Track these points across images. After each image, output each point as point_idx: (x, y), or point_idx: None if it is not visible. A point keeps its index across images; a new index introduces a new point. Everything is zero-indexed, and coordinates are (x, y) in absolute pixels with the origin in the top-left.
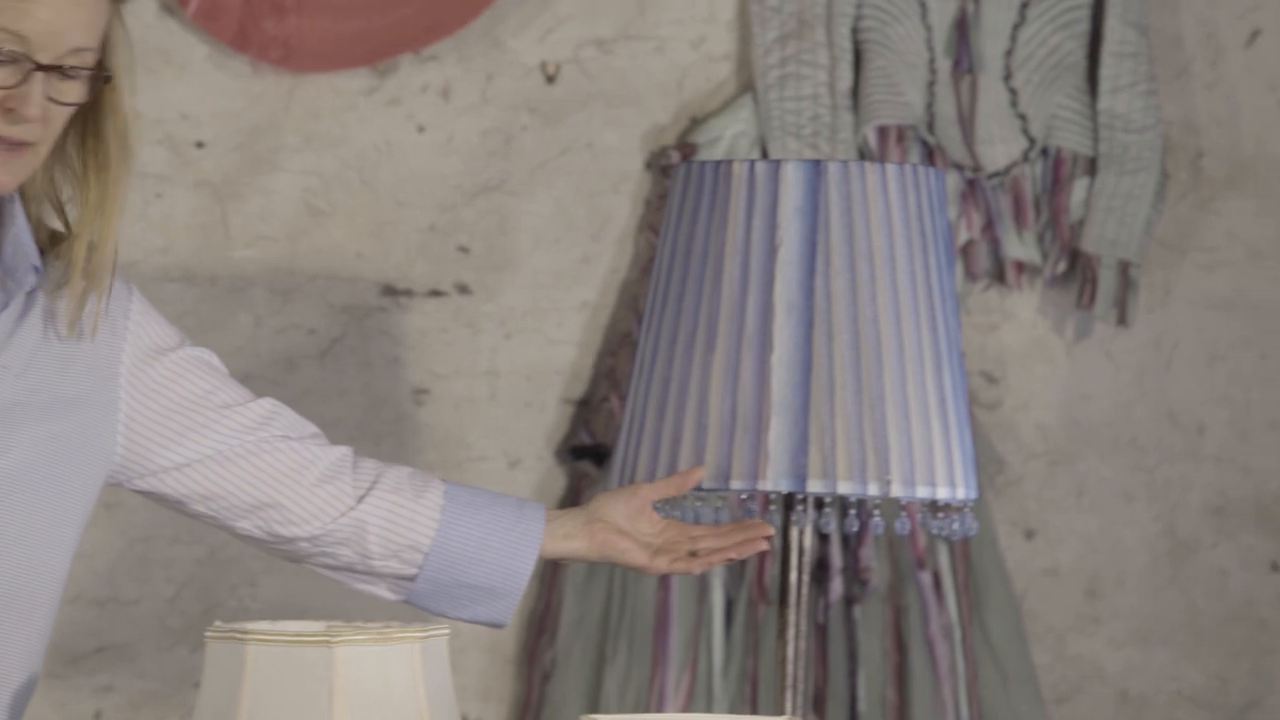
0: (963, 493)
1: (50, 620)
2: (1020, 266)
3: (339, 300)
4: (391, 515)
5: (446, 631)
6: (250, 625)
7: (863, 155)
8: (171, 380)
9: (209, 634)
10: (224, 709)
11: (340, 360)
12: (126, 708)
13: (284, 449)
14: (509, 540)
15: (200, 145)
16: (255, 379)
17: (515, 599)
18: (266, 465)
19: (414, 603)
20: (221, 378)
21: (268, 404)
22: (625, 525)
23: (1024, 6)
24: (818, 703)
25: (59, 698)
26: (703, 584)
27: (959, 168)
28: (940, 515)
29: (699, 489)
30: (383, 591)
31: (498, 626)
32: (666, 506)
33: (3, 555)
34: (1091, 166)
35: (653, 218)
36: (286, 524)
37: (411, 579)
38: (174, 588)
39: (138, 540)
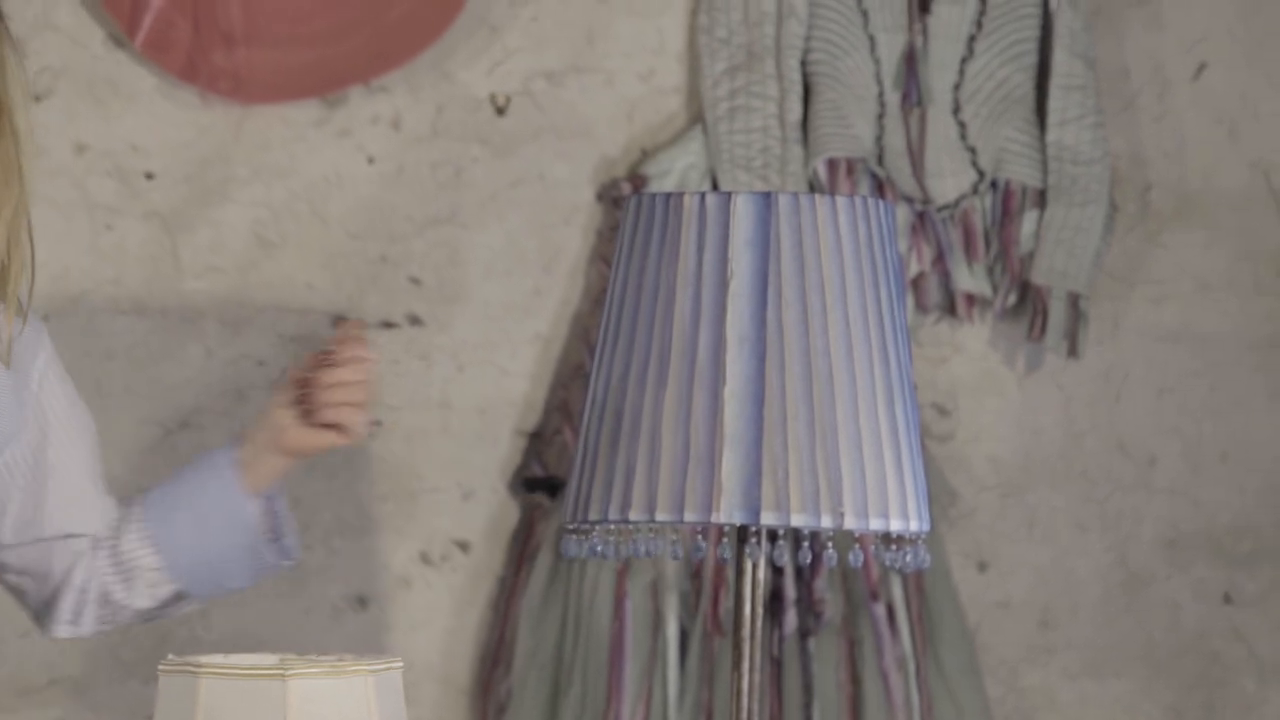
0: (915, 525)
1: None
2: (971, 299)
3: (290, 331)
4: (115, 567)
5: (400, 664)
6: (203, 658)
7: (813, 188)
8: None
9: (162, 667)
10: None
11: None
12: None
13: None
14: (223, 514)
15: (150, 176)
16: (206, 411)
17: (267, 536)
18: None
19: (214, 596)
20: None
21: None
22: (285, 420)
23: (971, 40)
24: None
25: None
26: (657, 616)
27: (909, 200)
28: (893, 547)
29: (652, 520)
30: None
31: (291, 560)
32: (616, 538)
33: None
34: (1041, 199)
35: (604, 249)
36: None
37: (184, 595)
38: None
39: None
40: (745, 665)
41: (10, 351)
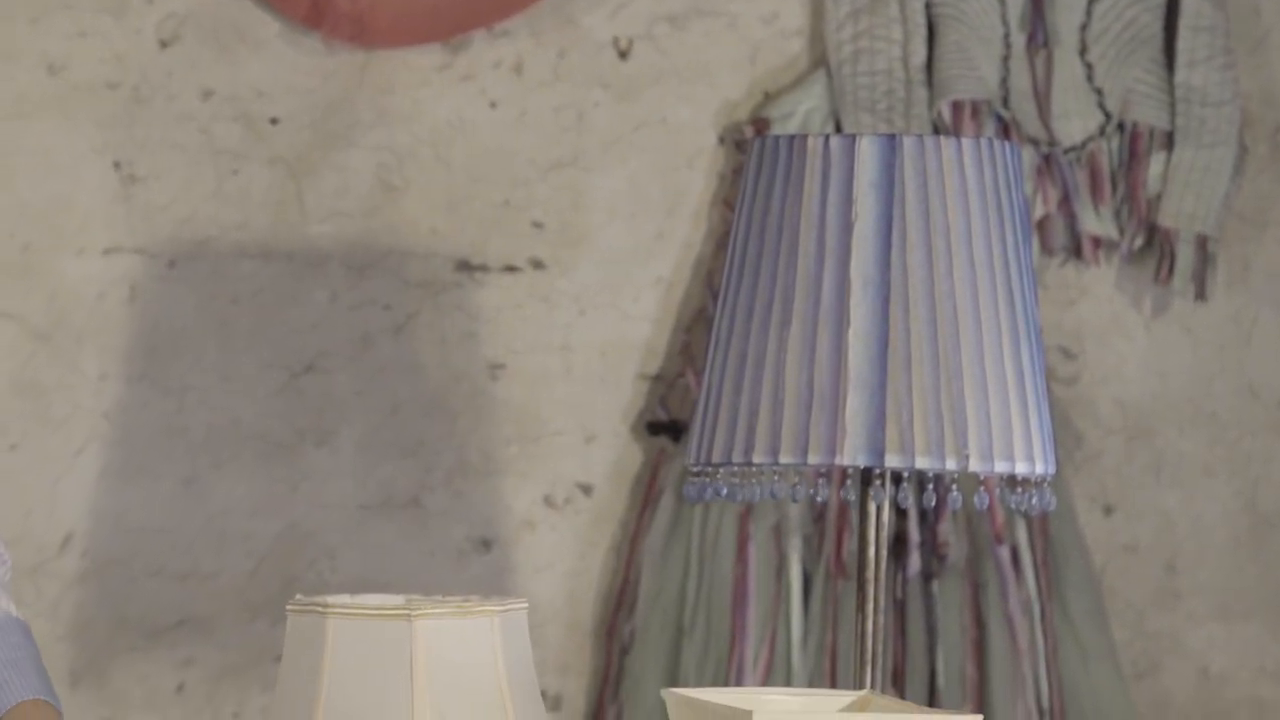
0: (1041, 468)
1: None
2: (1097, 241)
3: (414, 276)
4: None
5: (525, 605)
6: (330, 599)
7: (937, 130)
8: None
9: (290, 607)
10: (305, 681)
11: (415, 336)
12: (207, 681)
13: None
14: None
15: (275, 122)
16: (331, 355)
17: None
18: None
19: None
20: None
21: None
22: None
23: None
24: (896, 677)
25: (141, 671)
26: (780, 558)
27: (1034, 142)
28: (1018, 490)
29: (775, 463)
30: None
31: None
32: (740, 481)
33: None
34: (1169, 141)
35: (727, 193)
36: None
37: None
38: (253, 562)
39: (216, 515)
40: (869, 608)
41: None
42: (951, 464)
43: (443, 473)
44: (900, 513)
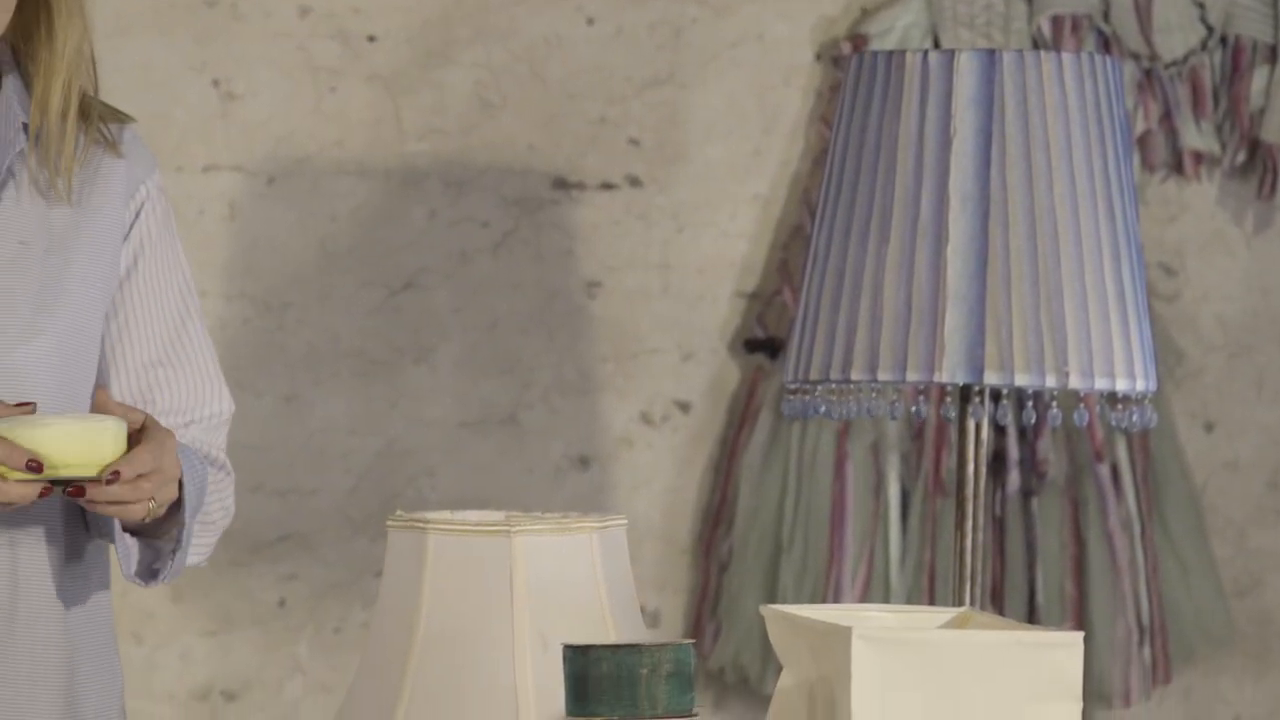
0: (1142, 385)
1: None
2: (1198, 157)
3: (511, 193)
4: None
5: (624, 522)
6: (430, 515)
7: (1036, 45)
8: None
9: (390, 523)
10: (406, 597)
11: (513, 253)
12: (309, 596)
13: None
14: None
15: (372, 39)
16: (429, 272)
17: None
18: None
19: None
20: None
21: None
22: None
23: None
24: (995, 595)
25: (243, 585)
26: (878, 476)
27: (1135, 57)
28: (1119, 407)
29: (874, 380)
30: None
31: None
32: (837, 398)
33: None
34: (1272, 54)
35: (824, 110)
36: None
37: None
38: (353, 479)
39: (316, 432)
40: (968, 525)
41: (70, 188)
42: (1051, 381)
43: (540, 390)
44: (999, 430)
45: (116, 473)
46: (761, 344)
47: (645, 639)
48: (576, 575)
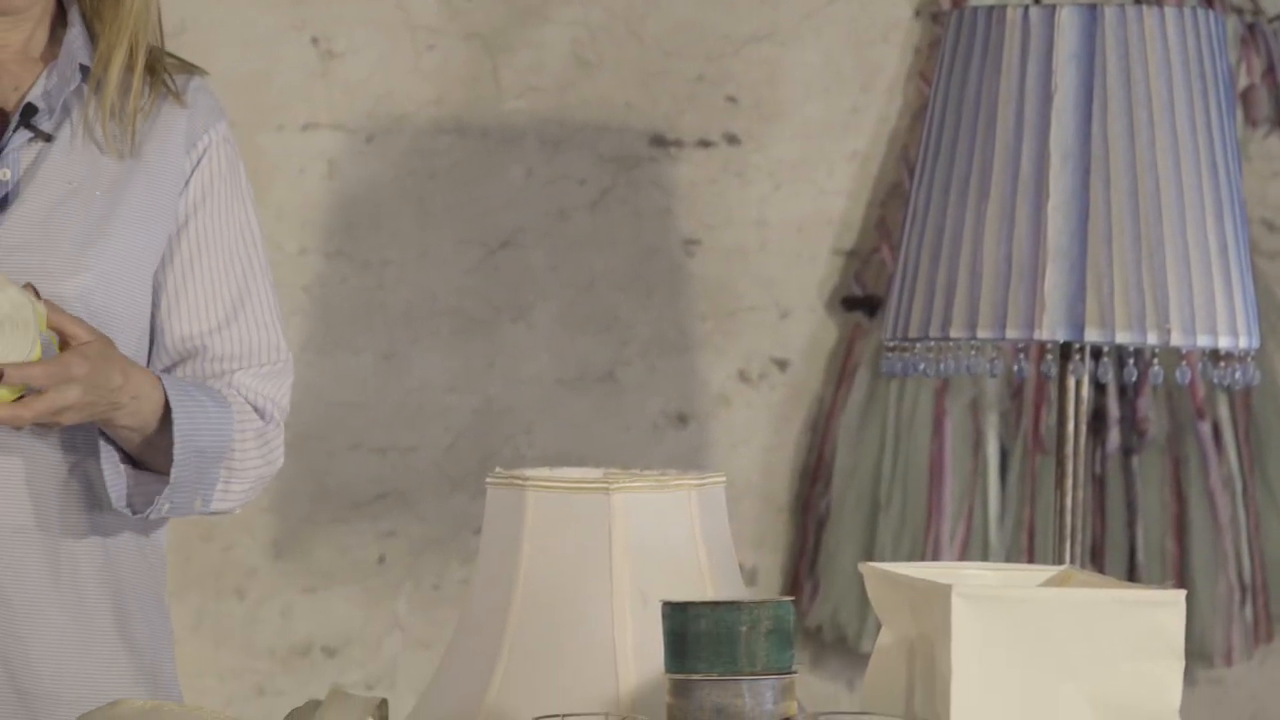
0: (1244, 341)
1: None
2: None
3: (608, 151)
4: None
5: (723, 479)
6: (529, 472)
7: (1138, 0)
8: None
9: (489, 480)
10: (505, 554)
11: (610, 211)
12: (408, 553)
13: None
14: None
15: None
16: (527, 230)
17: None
18: None
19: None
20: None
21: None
22: None
23: None
24: (1095, 553)
25: (343, 542)
26: (977, 434)
27: (1238, 11)
28: (1221, 364)
29: (973, 337)
30: None
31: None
32: (936, 356)
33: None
34: None
35: (923, 66)
36: None
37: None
38: (451, 436)
39: (415, 390)
40: (1068, 484)
41: (132, 138)
42: (1153, 338)
43: (638, 347)
44: (1099, 387)
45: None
46: (859, 301)
47: (744, 596)
48: (675, 532)
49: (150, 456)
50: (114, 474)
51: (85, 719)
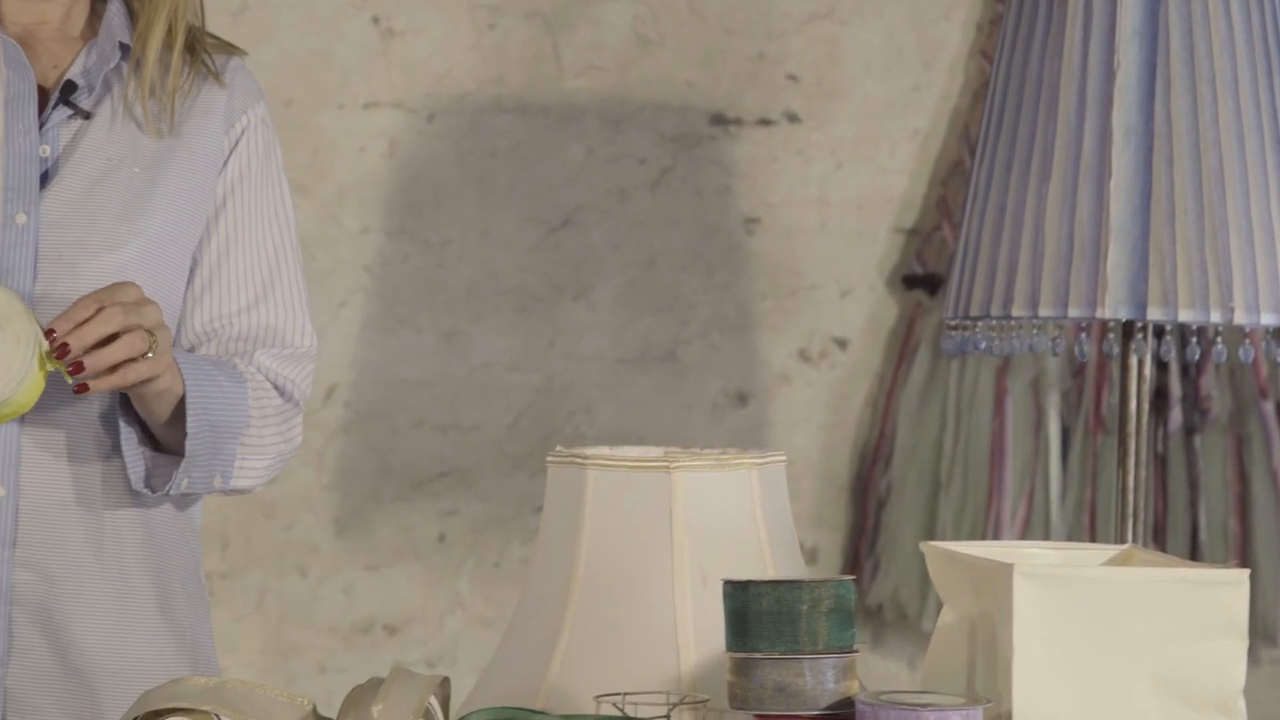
0: None
1: None
2: None
3: (669, 130)
4: None
5: (783, 458)
6: (590, 450)
7: None
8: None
9: (550, 459)
10: (566, 533)
11: (671, 189)
12: (469, 531)
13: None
14: None
15: None
16: (587, 209)
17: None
18: None
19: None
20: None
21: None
22: None
23: None
24: (1157, 533)
25: (404, 521)
26: (1038, 412)
27: None
28: None
29: (1034, 316)
30: None
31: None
32: (998, 334)
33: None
34: None
35: (984, 44)
36: None
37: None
38: (513, 415)
39: (477, 368)
40: (1130, 463)
41: (171, 117)
42: (1216, 316)
43: (698, 326)
44: (1162, 366)
45: (51, 331)
46: (920, 280)
47: (805, 575)
48: (736, 511)
49: (170, 438)
50: (133, 454)
51: (148, 696)
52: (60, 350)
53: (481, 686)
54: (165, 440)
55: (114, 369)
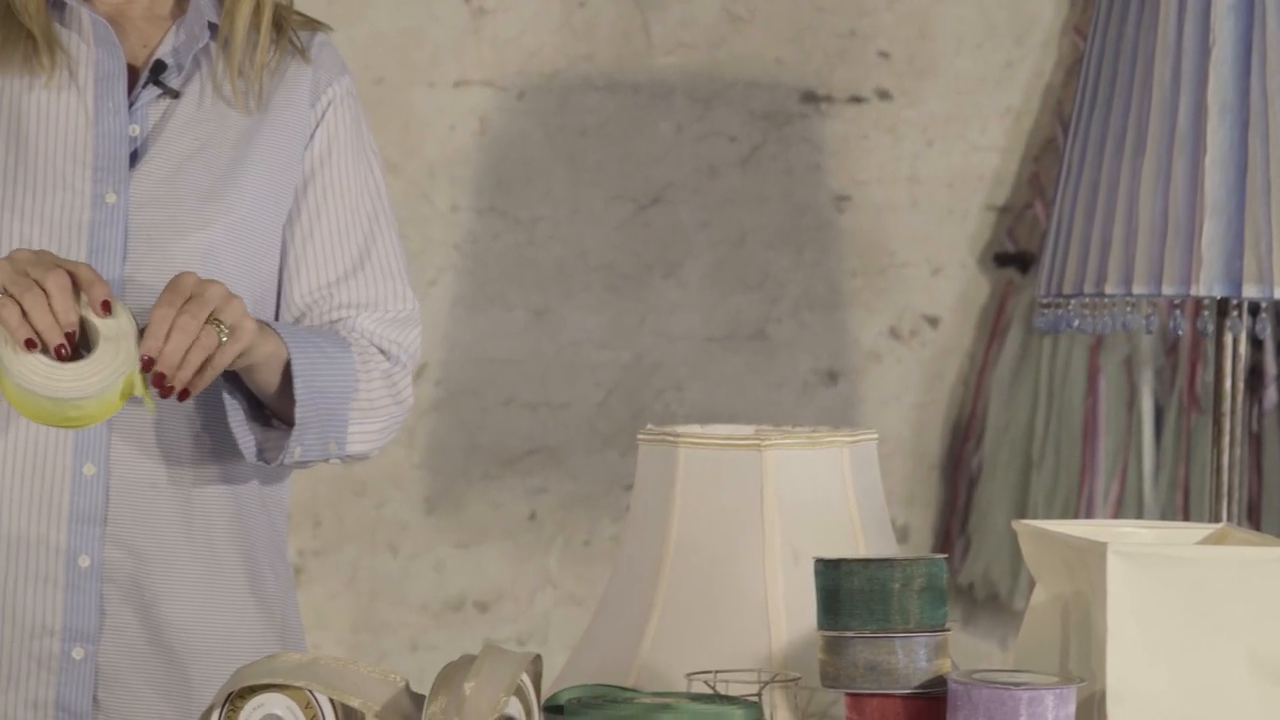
0: None
1: None
2: None
3: (759, 107)
4: None
5: (875, 437)
6: (681, 428)
7: None
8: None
9: (641, 437)
10: (657, 511)
11: (761, 167)
12: (559, 509)
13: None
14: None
15: None
16: (677, 186)
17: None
18: None
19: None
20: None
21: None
22: None
23: None
24: (1251, 511)
25: (495, 498)
26: (1131, 391)
27: None
28: None
29: (1128, 293)
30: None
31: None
32: (1090, 312)
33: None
34: None
35: (1077, 19)
36: None
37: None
38: (603, 392)
39: (566, 346)
40: (1225, 441)
41: (259, 94)
42: None
43: (789, 304)
44: (1256, 344)
45: (149, 356)
46: (1012, 258)
47: (896, 553)
48: (827, 489)
49: (282, 409)
50: (241, 428)
51: (243, 672)
52: (156, 380)
53: (572, 664)
54: (278, 411)
55: (199, 371)
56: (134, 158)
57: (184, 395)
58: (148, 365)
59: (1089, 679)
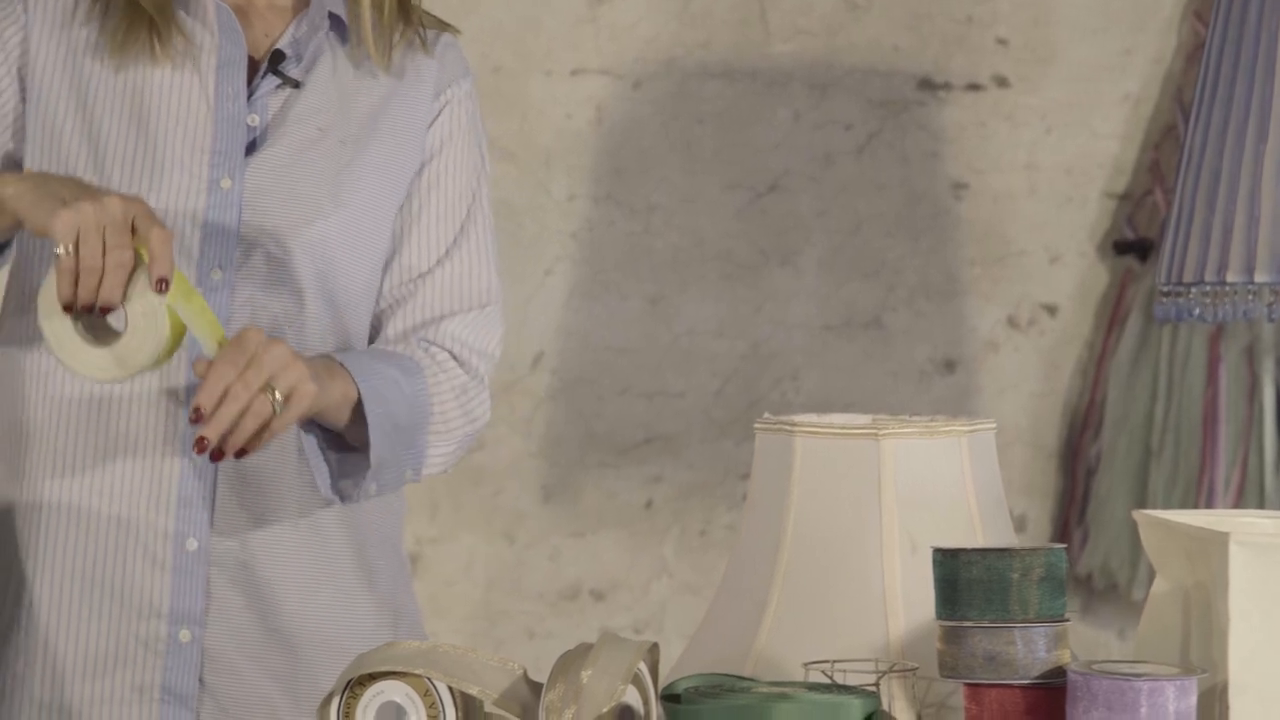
0: None
1: None
2: None
3: (876, 95)
4: None
5: (993, 426)
6: (798, 418)
7: None
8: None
9: (758, 426)
10: (774, 500)
11: (877, 155)
12: (675, 497)
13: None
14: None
15: None
16: (793, 174)
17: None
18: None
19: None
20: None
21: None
22: None
23: None
24: None
25: (610, 487)
26: (1252, 379)
27: None
28: None
29: (1250, 282)
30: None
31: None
32: (1211, 300)
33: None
34: None
35: (1199, 4)
36: None
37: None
38: (719, 381)
39: (682, 335)
40: None
41: (379, 87)
42: None
43: (905, 292)
44: None
45: (198, 409)
46: (1131, 245)
47: (1014, 543)
48: (945, 479)
49: (356, 437)
50: (318, 462)
51: (363, 659)
52: (199, 445)
53: (689, 653)
54: (352, 439)
55: (255, 434)
56: (252, 146)
57: (241, 453)
58: (195, 418)
59: (1210, 670)
